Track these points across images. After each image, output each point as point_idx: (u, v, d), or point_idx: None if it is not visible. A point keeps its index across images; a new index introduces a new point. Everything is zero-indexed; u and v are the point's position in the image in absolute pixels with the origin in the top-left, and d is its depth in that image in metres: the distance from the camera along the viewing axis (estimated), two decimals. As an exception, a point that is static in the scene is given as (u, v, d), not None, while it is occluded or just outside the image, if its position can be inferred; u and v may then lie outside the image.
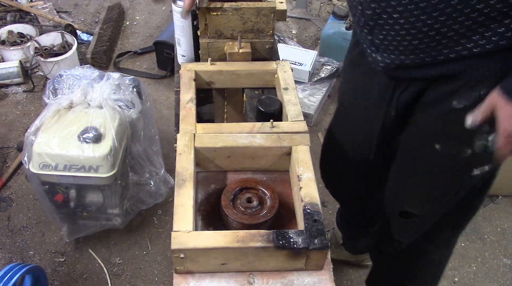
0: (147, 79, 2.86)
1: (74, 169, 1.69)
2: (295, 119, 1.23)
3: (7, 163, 2.35)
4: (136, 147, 1.89)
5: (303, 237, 0.96)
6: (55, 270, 1.96)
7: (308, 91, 2.66)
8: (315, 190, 1.06)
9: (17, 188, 2.25)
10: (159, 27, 3.28)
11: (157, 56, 2.87)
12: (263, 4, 1.35)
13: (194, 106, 1.26)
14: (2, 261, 1.98)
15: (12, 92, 2.74)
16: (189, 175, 1.07)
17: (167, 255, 2.02)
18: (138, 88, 1.92)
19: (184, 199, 1.02)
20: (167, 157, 2.19)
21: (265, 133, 1.18)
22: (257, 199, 1.07)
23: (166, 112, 2.66)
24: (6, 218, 2.13)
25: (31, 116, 2.58)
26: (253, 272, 1.00)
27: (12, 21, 3.03)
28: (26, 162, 1.70)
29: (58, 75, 1.89)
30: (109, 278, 1.94)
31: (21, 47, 2.79)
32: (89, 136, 1.69)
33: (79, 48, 2.95)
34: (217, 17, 1.33)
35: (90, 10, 3.40)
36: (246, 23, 1.36)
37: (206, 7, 1.31)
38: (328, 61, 2.79)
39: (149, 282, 1.95)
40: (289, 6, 3.47)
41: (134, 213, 2.02)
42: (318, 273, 1.00)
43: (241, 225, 1.02)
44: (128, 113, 1.82)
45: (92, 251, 2.02)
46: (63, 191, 1.81)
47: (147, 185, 1.98)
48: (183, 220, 0.98)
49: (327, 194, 1.76)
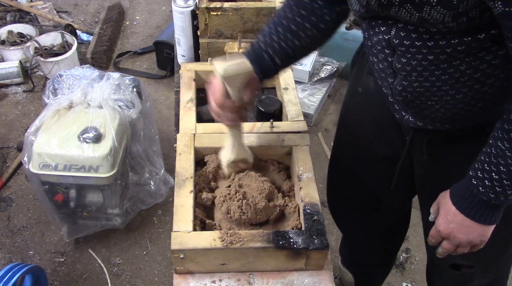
0: (147, 79, 2.86)
1: (74, 169, 1.69)
2: (295, 119, 1.23)
3: (7, 163, 2.35)
4: (136, 147, 1.89)
5: (303, 237, 0.96)
6: (55, 270, 1.95)
7: (308, 91, 2.66)
8: (315, 190, 1.06)
9: (17, 188, 2.25)
10: (159, 27, 3.28)
11: (157, 56, 2.87)
12: (263, 4, 1.35)
13: (194, 106, 1.26)
14: (2, 261, 1.98)
15: (12, 92, 2.74)
16: (189, 175, 1.07)
17: (167, 255, 2.02)
18: (138, 88, 1.92)
19: (184, 199, 1.02)
20: (167, 157, 2.19)
21: (265, 133, 1.18)
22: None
23: (166, 112, 2.66)
24: (6, 218, 2.13)
25: (31, 116, 2.58)
26: (253, 272, 1.00)
27: (12, 21, 3.03)
28: (26, 162, 1.70)
29: (58, 75, 1.89)
30: (109, 278, 1.94)
31: (21, 47, 2.79)
32: (89, 136, 1.69)
33: (79, 48, 2.95)
34: (217, 17, 1.33)
35: (90, 10, 3.40)
36: (246, 23, 1.36)
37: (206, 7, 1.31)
38: (328, 61, 2.79)
39: (149, 282, 1.95)
40: (289, 6, 3.47)
41: (134, 213, 2.02)
42: (318, 273, 1.00)
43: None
44: (128, 113, 1.82)
45: (92, 251, 2.02)
46: (63, 191, 1.80)
47: (147, 185, 1.98)
48: (183, 220, 0.98)
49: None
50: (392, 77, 0.98)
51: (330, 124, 2.63)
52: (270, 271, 1.00)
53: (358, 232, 1.48)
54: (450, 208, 0.94)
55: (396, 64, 0.93)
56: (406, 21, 0.84)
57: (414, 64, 0.90)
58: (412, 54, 0.88)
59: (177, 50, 1.48)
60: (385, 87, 1.03)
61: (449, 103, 0.93)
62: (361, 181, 1.30)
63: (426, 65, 0.88)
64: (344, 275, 1.73)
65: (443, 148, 1.08)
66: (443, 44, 0.84)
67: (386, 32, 0.90)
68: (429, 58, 0.87)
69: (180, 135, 1.17)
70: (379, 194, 1.30)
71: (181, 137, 1.16)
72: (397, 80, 0.96)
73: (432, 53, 0.86)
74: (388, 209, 1.34)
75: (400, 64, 0.92)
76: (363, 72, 1.18)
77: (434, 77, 0.90)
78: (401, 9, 0.82)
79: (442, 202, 0.97)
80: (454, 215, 0.94)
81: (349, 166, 1.32)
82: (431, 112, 0.98)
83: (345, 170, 1.35)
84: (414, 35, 0.86)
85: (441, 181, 1.07)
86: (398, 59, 0.92)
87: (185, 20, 1.37)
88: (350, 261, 1.70)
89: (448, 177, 1.02)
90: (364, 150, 1.25)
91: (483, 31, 0.81)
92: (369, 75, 1.15)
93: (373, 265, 1.62)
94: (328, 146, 2.52)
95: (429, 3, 0.78)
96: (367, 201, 1.33)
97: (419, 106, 0.98)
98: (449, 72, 0.88)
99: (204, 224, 1.04)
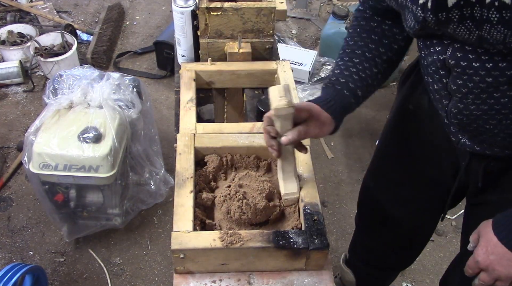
0: (147, 79, 2.86)
1: (74, 169, 1.69)
2: (295, 119, 1.23)
3: (7, 163, 2.35)
4: (136, 147, 1.89)
5: (303, 237, 0.96)
6: (55, 270, 1.95)
7: (308, 91, 2.66)
8: (315, 190, 1.06)
9: (17, 188, 2.25)
10: (159, 27, 3.28)
11: (157, 56, 2.87)
12: (263, 4, 1.35)
13: (194, 106, 1.26)
14: (2, 261, 1.98)
15: (12, 92, 2.74)
16: (189, 175, 1.07)
17: (167, 255, 2.02)
18: (138, 88, 1.92)
19: (184, 199, 1.02)
20: (167, 157, 2.19)
21: (265, 133, 1.18)
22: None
23: (166, 112, 2.66)
24: (6, 218, 2.13)
25: (31, 116, 2.58)
26: (253, 272, 1.00)
27: (12, 21, 3.03)
28: (26, 162, 1.70)
29: (58, 75, 1.89)
30: (109, 278, 1.94)
31: (21, 47, 2.79)
32: (89, 136, 1.69)
33: (79, 48, 2.95)
34: (217, 17, 1.33)
35: (90, 10, 3.40)
36: (246, 23, 1.36)
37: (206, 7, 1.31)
38: (328, 61, 2.79)
39: (149, 282, 1.95)
40: (289, 6, 3.47)
41: (134, 213, 2.02)
42: (318, 273, 1.00)
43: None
44: (128, 113, 1.82)
45: (92, 251, 2.02)
46: (63, 191, 1.80)
47: (147, 185, 1.98)
48: (183, 220, 0.98)
49: (327, 194, 1.75)
50: (447, 99, 0.94)
51: (330, 124, 2.63)
52: (270, 271, 1.00)
53: (384, 240, 1.45)
54: (492, 238, 0.89)
55: (452, 86, 0.89)
56: (464, 41, 0.80)
57: (471, 86, 0.85)
58: (469, 76, 0.84)
59: (177, 50, 1.47)
60: (440, 109, 0.99)
61: (509, 127, 0.89)
62: (402, 198, 1.27)
63: (484, 87, 0.84)
64: (345, 275, 1.72)
65: (500, 176, 1.03)
66: (503, 66, 0.79)
67: (441, 52, 0.86)
68: (487, 80, 0.83)
69: (180, 135, 1.17)
70: (417, 213, 1.28)
71: (181, 137, 1.16)
72: (452, 102, 0.93)
73: (490, 75, 0.82)
74: (421, 225, 1.33)
75: (456, 86, 0.88)
76: (416, 90, 1.14)
77: (493, 100, 0.85)
78: (460, 26, 0.77)
79: (483, 231, 0.92)
80: (495, 246, 0.89)
81: (390, 180, 1.29)
82: (489, 136, 0.93)
83: (386, 183, 1.31)
84: (472, 56, 0.82)
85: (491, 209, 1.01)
86: (454, 80, 0.88)
87: (185, 20, 1.37)
88: (360, 261, 1.66)
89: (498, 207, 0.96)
90: (409, 167, 1.21)
91: None
92: (423, 94, 1.11)
93: (386, 268, 1.59)
94: (328, 145, 2.53)
95: (489, 21, 0.73)
96: (403, 218, 1.31)
97: (476, 130, 0.94)
98: (509, 94, 0.84)
99: (204, 224, 1.04)
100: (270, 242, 0.95)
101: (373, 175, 1.39)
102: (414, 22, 0.83)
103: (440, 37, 0.85)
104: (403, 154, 1.23)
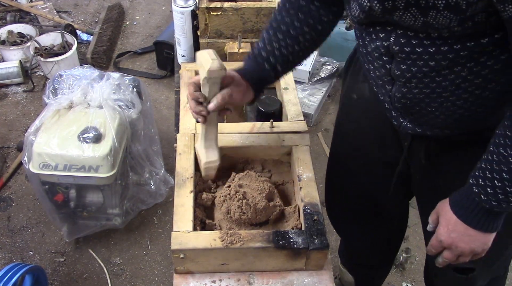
0: (147, 79, 2.86)
1: (74, 169, 1.69)
2: (295, 119, 1.23)
3: (7, 163, 2.35)
4: (136, 147, 1.89)
5: (303, 237, 0.96)
6: (55, 270, 1.95)
7: (308, 91, 2.66)
8: (315, 190, 1.06)
9: (17, 188, 2.25)
10: (159, 27, 3.28)
11: (157, 56, 2.88)
12: (263, 4, 1.35)
13: (194, 106, 1.26)
14: (2, 261, 1.98)
15: (12, 92, 2.74)
16: (189, 175, 1.07)
17: (167, 255, 2.02)
18: (138, 88, 1.92)
19: (184, 199, 1.02)
20: (167, 157, 2.19)
21: (265, 133, 1.18)
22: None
23: (166, 112, 2.66)
24: (6, 218, 2.13)
25: (31, 116, 2.58)
26: (253, 272, 1.00)
27: (12, 21, 3.03)
28: (26, 162, 1.70)
29: (58, 75, 1.89)
30: (109, 278, 1.94)
31: (21, 47, 2.79)
32: (89, 136, 1.69)
33: (79, 48, 2.95)
34: (217, 17, 1.33)
35: (90, 10, 3.40)
36: (246, 23, 1.36)
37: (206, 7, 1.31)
38: (328, 61, 2.79)
39: (149, 282, 1.95)
40: (289, 6, 3.47)
41: (134, 213, 2.02)
42: (318, 273, 1.00)
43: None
44: (128, 113, 1.82)
45: (92, 251, 2.02)
46: (63, 191, 1.80)
47: (147, 185, 1.98)
48: (183, 220, 0.98)
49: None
50: (390, 85, 0.96)
51: (330, 124, 2.63)
52: (270, 271, 1.00)
53: (356, 235, 1.48)
54: (451, 217, 0.93)
55: (395, 71, 0.91)
56: (408, 27, 0.82)
57: (414, 70, 0.88)
58: (412, 61, 0.86)
59: (177, 50, 1.48)
60: (382, 95, 1.02)
61: (449, 109, 0.92)
62: (360, 186, 1.29)
63: (427, 71, 0.86)
64: (344, 275, 1.73)
65: (442, 154, 1.06)
66: (445, 49, 0.82)
67: (384, 39, 0.88)
68: (430, 64, 0.85)
69: (180, 135, 1.17)
70: (377, 199, 1.29)
71: (181, 137, 1.16)
72: (396, 87, 0.95)
73: (433, 59, 0.84)
74: (386, 212, 1.34)
75: (399, 71, 0.90)
76: (357, 79, 1.17)
77: (435, 83, 0.88)
78: (406, 13, 0.79)
79: (442, 211, 0.96)
80: (455, 224, 0.92)
81: (347, 171, 1.31)
82: (431, 118, 0.96)
83: (343, 175, 1.34)
84: (415, 41, 0.84)
85: (440, 188, 1.06)
86: (397, 66, 0.90)
87: (185, 20, 1.37)
88: (350, 262, 1.70)
89: (447, 184, 1.01)
90: (362, 155, 1.24)
91: (486, 36, 0.79)
92: (364, 82, 1.14)
93: (372, 266, 1.62)
94: (328, 145, 2.52)
95: (435, 8, 0.75)
96: (366, 206, 1.33)
97: (418, 113, 0.97)
98: (450, 78, 0.86)
99: (204, 224, 1.04)
100: (270, 242, 0.95)
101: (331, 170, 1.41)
102: (360, 11, 0.85)
103: (383, 24, 0.87)
104: (355, 142, 1.25)
